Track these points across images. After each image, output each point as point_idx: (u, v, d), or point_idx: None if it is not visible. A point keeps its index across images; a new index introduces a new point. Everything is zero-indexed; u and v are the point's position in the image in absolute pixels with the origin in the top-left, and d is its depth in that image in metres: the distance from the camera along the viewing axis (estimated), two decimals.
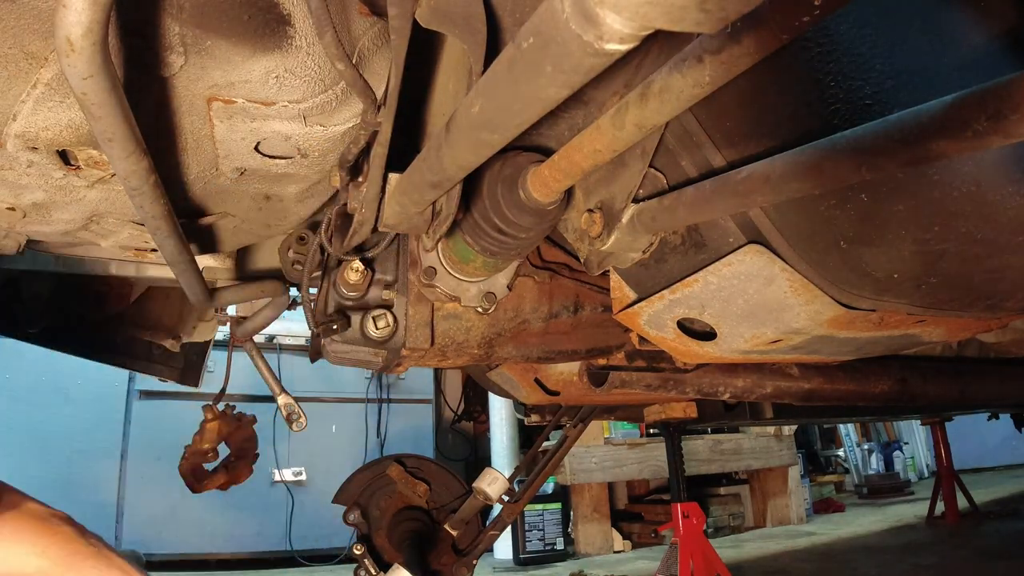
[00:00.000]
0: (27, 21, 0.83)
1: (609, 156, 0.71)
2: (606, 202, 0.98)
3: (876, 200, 0.74)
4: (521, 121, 0.54)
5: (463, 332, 1.22)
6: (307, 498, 5.08)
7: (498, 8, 0.80)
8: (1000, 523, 4.69)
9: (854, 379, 1.55)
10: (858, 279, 0.83)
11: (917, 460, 8.28)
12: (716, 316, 1.01)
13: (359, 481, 2.29)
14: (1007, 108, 0.45)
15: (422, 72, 0.97)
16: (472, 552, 2.33)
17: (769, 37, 0.52)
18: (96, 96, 0.71)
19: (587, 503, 4.85)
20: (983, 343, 1.71)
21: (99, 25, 0.63)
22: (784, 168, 0.63)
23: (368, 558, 2.10)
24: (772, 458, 5.46)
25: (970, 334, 1.10)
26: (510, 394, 1.69)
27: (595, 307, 1.35)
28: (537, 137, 1.03)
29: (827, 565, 3.77)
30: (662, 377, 1.45)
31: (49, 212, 1.25)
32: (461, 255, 1.05)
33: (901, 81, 0.73)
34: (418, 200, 0.84)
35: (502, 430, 5.02)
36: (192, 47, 0.91)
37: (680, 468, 3.08)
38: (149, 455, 4.60)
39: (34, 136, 1.00)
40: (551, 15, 0.39)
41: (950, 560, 3.59)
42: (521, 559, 4.55)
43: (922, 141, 0.51)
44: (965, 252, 0.75)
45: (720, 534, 5.18)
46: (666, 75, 0.58)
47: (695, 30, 0.36)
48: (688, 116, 0.86)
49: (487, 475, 2.28)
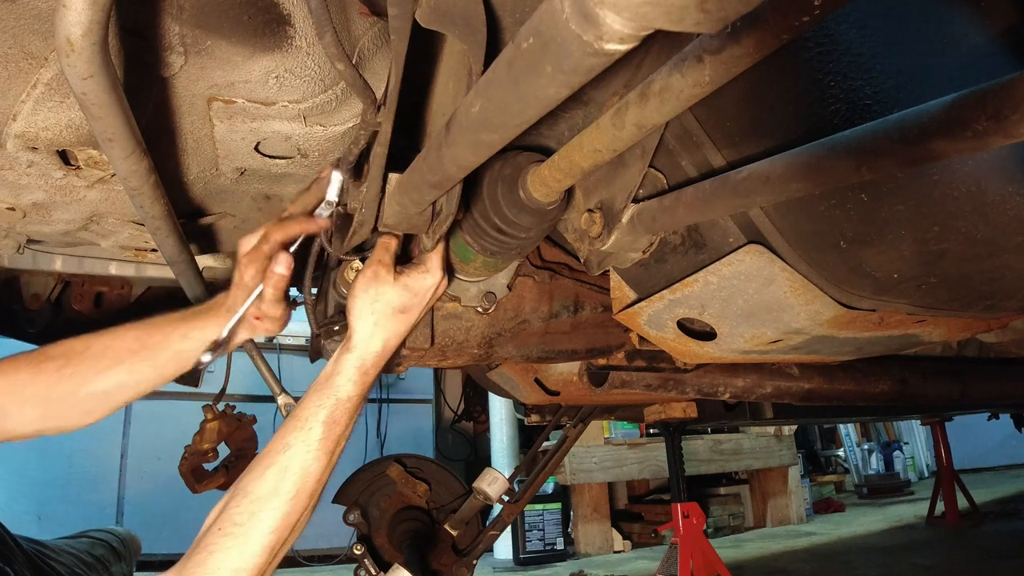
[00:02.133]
0: (27, 21, 0.83)
1: (609, 156, 0.71)
2: (606, 202, 0.98)
3: (876, 200, 0.74)
4: (521, 121, 0.54)
5: (463, 332, 1.22)
6: None
7: (498, 8, 0.80)
8: (1000, 523, 4.69)
9: (854, 379, 1.55)
10: (858, 279, 0.83)
11: (917, 460, 8.28)
12: (716, 316, 1.01)
13: (359, 481, 2.29)
14: (1007, 108, 0.45)
15: (422, 72, 0.97)
16: (472, 552, 2.33)
17: (769, 37, 0.52)
18: (96, 96, 0.71)
19: (587, 503, 4.85)
20: (983, 343, 1.71)
21: (99, 25, 0.63)
22: (784, 168, 0.63)
23: (368, 558, 2.09)
24: (772, 458, 5.46)
25: (970, 334, 1.10)
26: (510, 394, 1.69)
27: (595, 307, 1.35)
28: (537, 137, 1.03)
29: (827, 565, 3.76)
30: (662, 377, 1.45)
31: (49, 212, 1.25)
32: (461, 255, 1.05)
33: (901, 81, 0.73)
34: (418, 200, 0.84)
35: (502, 430, 5.01)
36: (192, 47, 0.91)
37: (680, 468, 3.08)
38: (149, 455, 4.61)
39: (34, 136, 1.00)
40: (551, 15, 0.39)
41: (950, 560, 3.59)
42: (521, 559, 4.55)
43: (922, 141, 0.51)
44: (965, 252, 0.75)
45: (720, 534, 5.18)
46: (666, 75, 0.58)
47: (695, 30, 0.36)
48: (688, 116, 0.86)
49: (487, 475, 2.28)
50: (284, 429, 0.95)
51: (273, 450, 0.93)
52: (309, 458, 0.92)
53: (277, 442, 0.94)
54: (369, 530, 2.22)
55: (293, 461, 0.91)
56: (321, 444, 0.93)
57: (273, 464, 0.91)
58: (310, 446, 0.93)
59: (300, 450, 0.92)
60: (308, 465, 0.92)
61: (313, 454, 0.93)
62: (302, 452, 0.92)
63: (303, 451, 0.92)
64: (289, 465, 0.91)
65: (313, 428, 0.94)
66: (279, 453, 0.92)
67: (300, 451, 0.92)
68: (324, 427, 0.94)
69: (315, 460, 0.93)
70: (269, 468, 0.91)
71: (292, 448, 0.92)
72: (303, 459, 0.92)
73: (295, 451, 0.92)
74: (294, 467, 0.91)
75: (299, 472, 0.91)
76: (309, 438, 0.93)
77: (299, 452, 0.92)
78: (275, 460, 0.91)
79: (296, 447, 0.92)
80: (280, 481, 0.90)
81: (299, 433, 0.93)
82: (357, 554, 2.10)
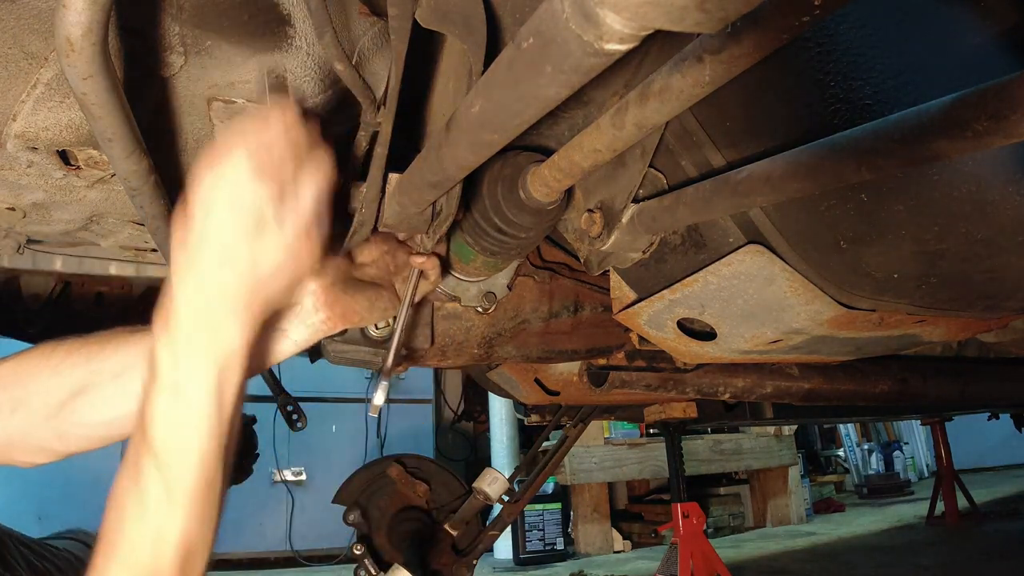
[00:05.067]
0: (27, 21, 0.83)
1: (609, 156, 0.71)
2: (606, 202, 0.98)
3: (876, 200, 0.74)
4: (521, 121, 0.54)
5: (463, 332, 1.22)
6: (307, 498, 5.08)
7: (498, 8, 0.80)
8: (1000, 523, 4.69)
9: (854, 379, 1.55)
10: (858, 279, 0.83)
11: (917, 460, 8.27)
12: (716, 316, 1.01)
13: (359, 481, 2.29)
14: (1007, 108, 0.45)
15: (422, 72, 0.97)
16: (472, 552, 2.33)
17: (769, 37, 0.52)
18: (96, 96, 0.71)
19: (587, 503, 4.85)
20: (983, 343, 1.71)
21: (99, 25, 0.63)
22: (784, 168, 0.63)
23: (368, 558, 2.09)
24: (772, 458, 5.46)
25: (970, 334, 1.10)
26: (510, 394, 1.69)
27: (595, 307, 1.35)
28: (537, 137, 1.03)
29: (827, 565, 3.76)
30: (662, 377, 1.45)
31: (49, 212, 1.25)
32: (461, 255, 1.05)
33: (901, 81, 0.73)
34: (418, 200, 0.84)
35: (502, 430, 5.01)
36: (192, 47, 0.91)
37: (680, 468, 3.08)
38: None
39: (34, 136, 1.00)
40: (551, 15, 0.39)
41: (950, 560, 3.59)
42: (521, 559, 4.55)
43: (922, 141, 0.51)
44: (965, 252, 0.75)
45: (720, 534, 5.18)
46: (666, 75, 0.58)
47: (695, 30, 0.36)
48: (688, 116, 0.86)
49: (487, 475, 2.28)
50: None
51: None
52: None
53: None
54: (369, 530, 2.22)
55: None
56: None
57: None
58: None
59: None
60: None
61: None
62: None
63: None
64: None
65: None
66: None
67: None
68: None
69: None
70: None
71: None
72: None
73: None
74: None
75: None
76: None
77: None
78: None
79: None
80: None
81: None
82: (357, 554, 2.10)
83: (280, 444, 4.86)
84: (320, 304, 0.87)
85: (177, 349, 0.65)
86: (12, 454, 0.87)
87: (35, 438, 0.87)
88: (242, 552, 4.80)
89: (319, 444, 5.16)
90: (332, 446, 5.27)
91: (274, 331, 0.86)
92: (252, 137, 0.67)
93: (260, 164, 0.66)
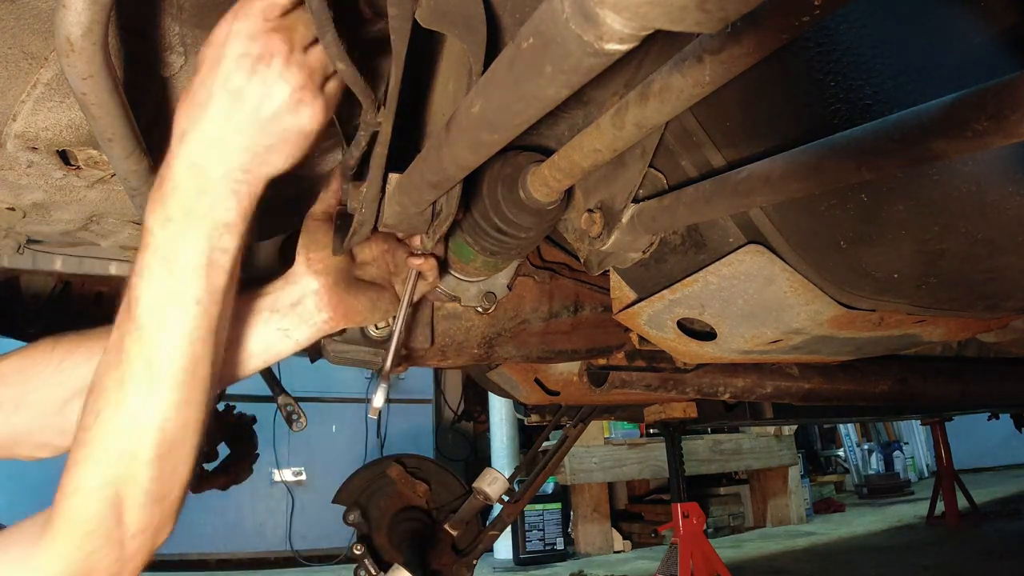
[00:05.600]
0: (27, 21, 0.83)
1: (609, 156, 0.71)
2: (606, 202, 0.98)
3: (876, 200, 0.74)
4: (521, 121, 0.54)
5: (463, 332, 1.22)
6: (307, 498, 5.08)
7: (498, 8, 0.80)
8: (1000, 523, 4.69)
9: (854, 379, 1.55)
10: (858, 279, 0.83)
11: (917, 460, 8.28)
12: (716, 316, 1.01)
13: (359, 481, 2.29)
14: (1007, 108, 0.45)
15: (422, 72, 0.97)
16: (472, 552, 2.33)
17: (769, 37, 0.52)
18: (96, 96, 0.71)
19: (587, 503, 4.85)
20: (983, 343, 1.71)
21: (99, 25, 0.63)
22: (784, 168, 0.63)
23: (368, 558, 2.09)
24: (772, 458, 5.46)
25: (970, 334, 1.10)
26: (510, 394, 1.69)
27: (595, 307, 1.35)
28: (537, 137, 1.03)
29: (827, 565, 3.77)
30: (662, 377, 1.45)
31: (49, 212, 1.25)
32: (461, 255, 1.05)
33: (901, 81, 0.73)
34: (418, 200, 0.84)
35: (502, 430, 5.02)
36: (192, 47, 0.91)
37: (680, 468, 3.08)
38: None
39: (34, 136, 1.00)
40: (551, 15, 0.39)
41: (950, 560, 3.59)
42: (521, 559, 4.55)
43: (922, 141, 0.51)
44: (965, 252, 0.75)
45: (720, 534, 5.18)
46: (666, 75, 0.58)
47: (695, 30, 0.36)
48: (688, 116, 0.86)
49: (487, 475, 2.28)
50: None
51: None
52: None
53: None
54: (369, 530, 2.22)
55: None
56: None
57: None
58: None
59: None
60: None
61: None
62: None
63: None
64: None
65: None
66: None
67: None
68: None
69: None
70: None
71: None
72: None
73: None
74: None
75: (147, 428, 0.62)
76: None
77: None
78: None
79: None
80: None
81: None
82: (357, 554, 2.10)
83: (280, 444, 4.86)
84: (323, 304, 0.88)
85: (170, 215, 0.63)
86: (15, 449, 0.88)
87: (38, 434, 0.88)
88: (242, 552, 4.80)
89: (319, 444, 5.16)
90: (332, 446, 5.27)
91: (275, 331, 0.86)
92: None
93: (269, 22, 0.66)
